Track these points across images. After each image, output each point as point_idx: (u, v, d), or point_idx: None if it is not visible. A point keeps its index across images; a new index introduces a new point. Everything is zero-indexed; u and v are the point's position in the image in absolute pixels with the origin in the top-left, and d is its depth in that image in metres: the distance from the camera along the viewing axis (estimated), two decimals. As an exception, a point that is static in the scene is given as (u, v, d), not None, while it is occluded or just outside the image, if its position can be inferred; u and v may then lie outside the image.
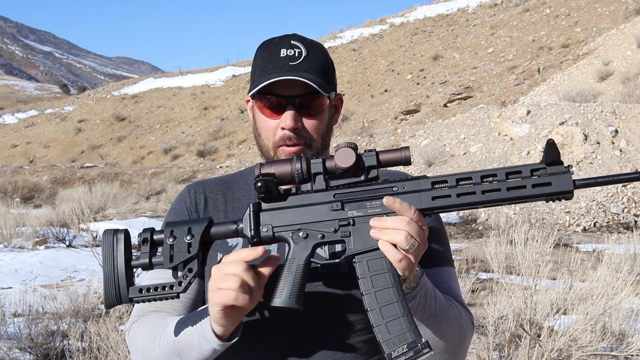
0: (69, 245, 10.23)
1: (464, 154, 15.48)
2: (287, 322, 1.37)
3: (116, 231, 1.25)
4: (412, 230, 1.13)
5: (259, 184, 1.19)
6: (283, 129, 1.40)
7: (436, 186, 1.20)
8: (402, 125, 27.10)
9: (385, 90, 36.56)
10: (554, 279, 5.22)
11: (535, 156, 13.43)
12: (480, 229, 11.42)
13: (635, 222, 11.37)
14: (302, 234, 1.22)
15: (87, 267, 8.25)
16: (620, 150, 13.05)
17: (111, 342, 3.98)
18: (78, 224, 10.83)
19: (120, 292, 1.22)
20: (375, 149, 1.21)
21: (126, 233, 1.25)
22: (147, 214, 14.92)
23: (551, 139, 1.17)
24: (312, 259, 1.22)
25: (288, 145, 1.41)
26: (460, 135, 16.26)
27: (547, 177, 1.16)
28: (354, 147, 1.20)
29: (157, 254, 1.25)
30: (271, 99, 1.40)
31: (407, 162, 1.19)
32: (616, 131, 13.49)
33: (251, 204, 1.23)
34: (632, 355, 4.05)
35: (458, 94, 30.64)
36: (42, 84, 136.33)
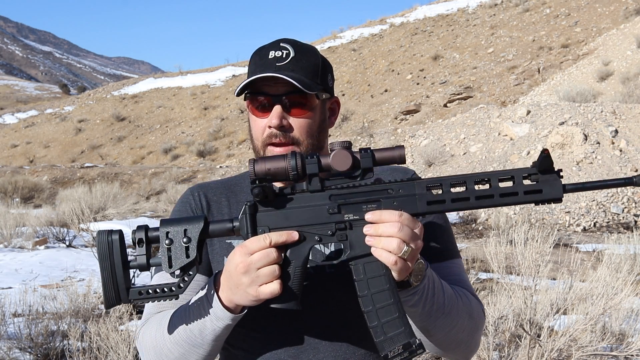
0: (69, 245, 10.23)
1: (464, 154, 15.48)
2: (294, 323, 1.39)
3: (110, 232, 1.25)
4: (404, 236, 1.17)
5: (256, 191, 1.20)
6: (270, 127, 1.41)
7: (431, 189, 1.23)
8: (402, 125, 27.07)
9: (385, 90, 36.55)
10: (554, 279, 5.22)
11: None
12: (480, 229, 11.42)
13: (635, 222, 11.37)
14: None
15: (87, 267, 8.25)
16: (620, 150, 13.04)
17: (111, 342, 3.98)
18: (78, 224, 10.82)
19: (119, 294, 1.23)
20: (370, 148, 1.22)
21: (120, 234, 1.25)
22: (147, 214, 14.93)
23: (546, 150, 1.19)
24: (309, 259, 1.23)
25: (275, 144, 1.42)
26: (460, 135, 16.25)
27: (538, 185, 1.20)
28: (348, 147, 1.21)
29: (158, 255, 1.25)
30: (259, 98, 1.43)
31: (401, 160, 1.22)
32: (616, 131, 13.49)
33: (247, 205, 1.23)
34: (632, 355, 4.05)
35: (458, 94, 30.63)
36: (42, 84, 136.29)
